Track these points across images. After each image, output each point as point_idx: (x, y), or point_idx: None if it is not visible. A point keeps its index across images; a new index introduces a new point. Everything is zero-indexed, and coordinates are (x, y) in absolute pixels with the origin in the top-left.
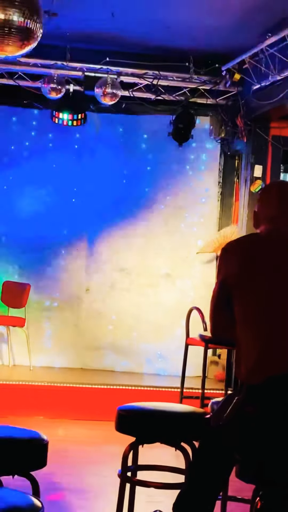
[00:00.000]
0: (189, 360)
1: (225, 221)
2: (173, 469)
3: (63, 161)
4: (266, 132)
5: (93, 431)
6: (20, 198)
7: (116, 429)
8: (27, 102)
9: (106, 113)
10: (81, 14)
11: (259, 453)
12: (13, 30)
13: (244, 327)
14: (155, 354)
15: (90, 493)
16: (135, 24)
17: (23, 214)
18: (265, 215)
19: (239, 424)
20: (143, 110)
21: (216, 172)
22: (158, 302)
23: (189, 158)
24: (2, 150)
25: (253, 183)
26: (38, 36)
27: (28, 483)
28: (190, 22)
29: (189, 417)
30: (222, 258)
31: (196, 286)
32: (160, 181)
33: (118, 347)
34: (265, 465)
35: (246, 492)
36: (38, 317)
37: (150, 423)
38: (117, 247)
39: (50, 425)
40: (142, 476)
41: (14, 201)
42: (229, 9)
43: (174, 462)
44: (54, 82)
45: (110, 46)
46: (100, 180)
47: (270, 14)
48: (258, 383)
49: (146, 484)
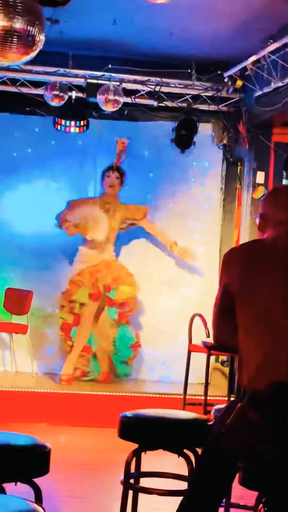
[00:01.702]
0: (191, 367)
1: (227, 227)
2: (176, 476)
3: (66, 167)
4: (268, 139)
5: (96, 438)
6: (22, 204)
7: (118, 436)
8: (30, 109)
9: (109, 120)
10: (83, 21)
11: (262, 459)
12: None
13: (247, 334)
14: (158, 361)
15: (93, 500)
16: (137, 31)
17: (25, 220)
18: (274, 218)
19: (242, 431)
20: (146, 116)
21: (219, 178)
22: (160, 309)
23: (191, 164)
24: (4, 157)
25: (255, 189)
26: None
27: (30, 490)
28: (192, 29)
29: (192, 424)
30: (224, 265)
31: (198, 293)
32: (163, 188)
33: None
34: (268, 472)
35: (249, 499)
36: (40, 324)
37: (153, 430)
38: (119, 254)
39: (52, 432)
40: (145, 483)
41: (16, 208)
42: (231, 15)
43: (177, 469)
44: (56, 89)
45: (112, 53)
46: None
47: (272, 20)
48: (260, 389)
49: (149, 491)
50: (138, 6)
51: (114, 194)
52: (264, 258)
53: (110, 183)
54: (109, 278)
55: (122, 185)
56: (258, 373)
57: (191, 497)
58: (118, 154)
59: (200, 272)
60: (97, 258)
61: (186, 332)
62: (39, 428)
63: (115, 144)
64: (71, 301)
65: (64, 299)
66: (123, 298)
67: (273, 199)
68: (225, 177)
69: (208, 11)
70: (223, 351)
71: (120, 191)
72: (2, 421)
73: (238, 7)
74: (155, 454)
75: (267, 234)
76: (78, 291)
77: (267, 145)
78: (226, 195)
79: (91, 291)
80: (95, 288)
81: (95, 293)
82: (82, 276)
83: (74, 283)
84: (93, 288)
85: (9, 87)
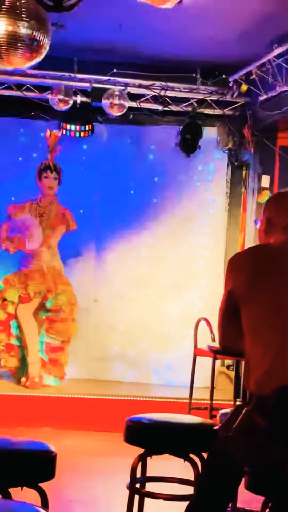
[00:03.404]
0: (197, 371)
1: (232, 231)
2: (182, 481)
3: (71, 172)
4: (274, 143)
5: (102, 442)
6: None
7: (124, 440)
8: (35, 113)
9: (114, 124)
10: (89, 25)
11: (268, 464)
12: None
13: (253, 338)
14: (163, 365)
15: (99, 505)
16: (142, 35)
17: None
18: (281, 222)
19: (248, 435)
20: (151, 121)
21: (224, 182)
22: (166, 313)
23: (196, 168)
24: (10, 162)
25: (261, 194)
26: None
27: (36, 495)
28: (197, 33)
29: (197, 428)
30: (230, 270)
31: (204, 297)
32: (168, 192)
33: (126, 358)
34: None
35: (255, 504)
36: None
37: (159, 434)
38: (125, 258)
39: (58, 437)
40: (150, 487)
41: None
42: (236, 20)
43: (183, 474)
44: (61, 93)
45: (118, 57)
46: (107, 191)
47: (277, 25)
48: (267, 394)
49: (155, 496)
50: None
51: (52, 195)
52: (272, 263)
53: (49, 185)
54: (42, 286)
55: (59, 185)
56: (265, 377)
57: (196, 501)
58: (52, 148)
59: (205, 276)
60: (36, 264)
61: (192, 336)
62: (45, 432)
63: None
64: (3, 300)
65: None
66: (56, 307)
67: (281, 203)
68: (230, 181)
69: (213, 15)
70: (228, 355)
71: (125, 196)
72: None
73: (243, 12)
74: (161, 459)
75: (274, 238)
76: (10, 290)
77: (272, 149)
78: (231, 199)
79: (22, 294)
80: (25, 293)
81: (25, 298)
82: (16, 277)
83: (7, 282)
84: (24, 293)
85: (15, 91)
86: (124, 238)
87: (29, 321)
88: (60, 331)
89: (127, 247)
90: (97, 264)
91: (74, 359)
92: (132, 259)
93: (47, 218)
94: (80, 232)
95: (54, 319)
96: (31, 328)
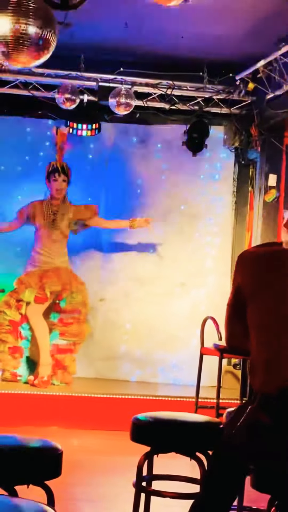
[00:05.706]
0: (204, 370)
1: (239, 230)
2: (188, 479)
3: (77, 171)
4: (280, 141)
5: (108, 441)
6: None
7: (131, 439)
8: (42, 112)
9: (120, 123)
10: (95, 24)
11: (273, 462)
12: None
13: (259, 337)
14: (170, 364)
15: (105, 503)
16: (149, 34)
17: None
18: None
19: (253, 433)
20: (157, 119)
21: (231, 181)
22: (172, 312)
23: (203, 167)
24: (17, 161)
25: (267, 192)
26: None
27: (43, 493)
28: (204, 32)
29: (204, 427)
30: (238, 267)
31: (210, 296)
32: (175, 191)
33: (132, 357)
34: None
35: (261, 502)
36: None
37: (165, 433)
38: (131, 257)
39: (64, 435)
40: (157, 486)
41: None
42: (243, 18)
43: (189, 472)
44: (68, 92)
45: (124, 56)
46: (114, 190)
47: (283, 23)
48: (272, 392)
49: (161, 494)
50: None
51: (61, 197)
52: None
53: (57, 187)
54: (58, 285)
55: (68, 185)
56: (270, 375)
57: (202, 499)
58: (59, 148)
59: (212, 275)
60: (48, 263)
61: (198, 335)
62: (51, 430)
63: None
64: (18, 300)
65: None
66: (71, 307)
67: None
68: (237, 180)
69: (219, 14)
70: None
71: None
72: (14, 424)
73: (249, 10)
74: (167, 457)
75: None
76: (25, 291)
77: (279, 148)
78: (238, 198)
79: (38, 294)
80: (42, 293)
81: (42, 298)
82: (30, 277)
83: (22, 283)
84: (41, 293)
85: (21, 90)
86: (130, 237)
87: (40, 321)
88: (75, 333)
89: (134, 246)
90: (104, 263)
91: (80, 358)
92: (138, 258)
93: (60, 216)
94: (86, 230)
95: (68, 321)
96: (42, 329)
